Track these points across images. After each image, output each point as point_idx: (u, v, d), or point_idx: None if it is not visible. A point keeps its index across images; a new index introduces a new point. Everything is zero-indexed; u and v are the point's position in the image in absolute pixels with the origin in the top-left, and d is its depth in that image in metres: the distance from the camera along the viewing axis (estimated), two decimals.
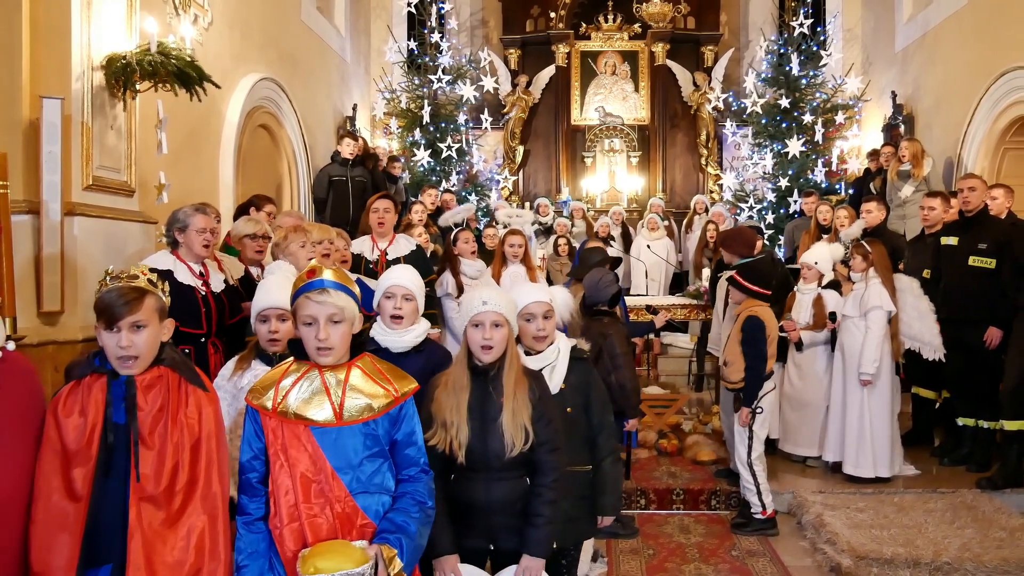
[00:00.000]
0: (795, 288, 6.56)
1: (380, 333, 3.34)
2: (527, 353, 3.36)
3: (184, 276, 4.47)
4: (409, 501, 2.63)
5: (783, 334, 6.12)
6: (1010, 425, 5.84)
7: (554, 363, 3.35)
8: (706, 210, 11.94)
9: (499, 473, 2.96)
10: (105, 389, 2.59)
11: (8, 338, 2.67)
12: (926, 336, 6.13)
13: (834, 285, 6.42)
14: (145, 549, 2.47)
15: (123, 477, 2.52)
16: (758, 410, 5.37)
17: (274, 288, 3.46)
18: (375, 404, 2.60)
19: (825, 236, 7.84)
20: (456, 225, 8.50)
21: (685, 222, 12.15)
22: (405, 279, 3.40)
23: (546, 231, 10.96)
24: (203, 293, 4.55)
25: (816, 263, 6.41)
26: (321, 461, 2.55)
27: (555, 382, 3.32)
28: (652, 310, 7.33)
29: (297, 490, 2.54)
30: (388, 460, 2.66)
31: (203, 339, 4.52)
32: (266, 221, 5.80)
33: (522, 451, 2.91)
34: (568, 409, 3.35)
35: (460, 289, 6.25)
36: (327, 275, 2.63)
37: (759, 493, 5.42)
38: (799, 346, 6.33)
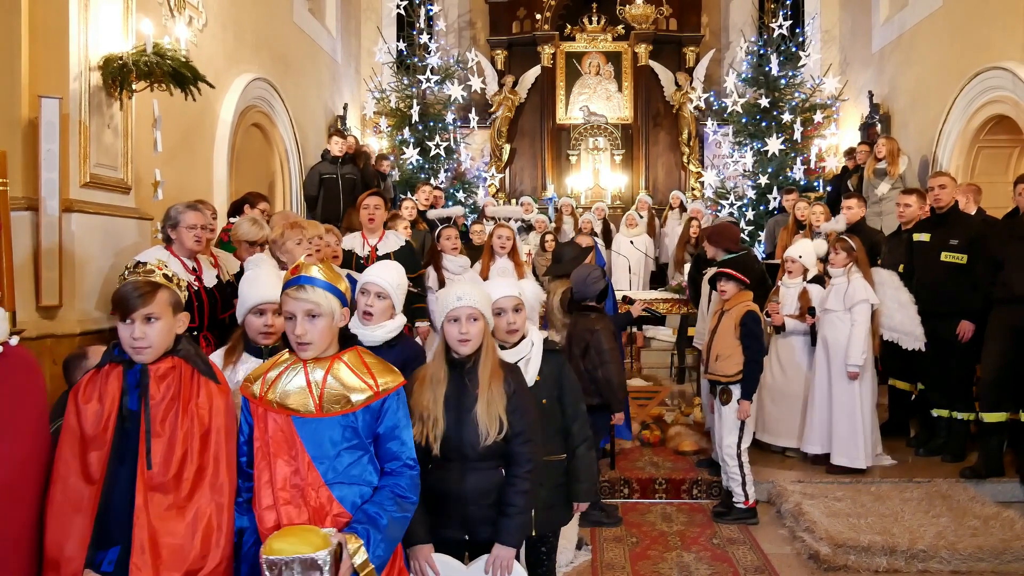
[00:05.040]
0: (779, 283, 6.62)
1: (355, 327, 3.39)
2: (501, 347, 3.40)
3: (177, 271, 4.51)
4: (386, 494, 2.66)
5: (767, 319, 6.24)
6: (989, 417, 5.93)
7: (528, 356, 3.40)
8: (680, 205, 12.11)
9: (474, 463, 3.01)
10: (121, 377, 2.66)
11: (12, 333, 2.73)
12: (908, 326, 6.20)
13: (819, 280, 6.48)
14: (150, 533, 2.53)
15: (135, 462, 2.59)
16: (751, 401, 5.49)
17: (276, 283, 3.42)
18: (354, 397, 2.63)
19: (801, 231, 7.96)
20: (442, 222, 8.60)
21: (662, 217, 12.32)
22: (379, 277, 3.47)
23: (528, 228, 11.09)
24: (196, 288, 4.64)
25: (800, 257, 6.46)
26: (299, 450, 2.60)
27: (530, 374, 3.37)
28: (628, 300, 7.41)
29: (275, 477, 2.60)
30: (369, 453, 2.69)
31: (196, 332, 4.60)
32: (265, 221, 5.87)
33: (496, 441, 2.96)
34: (543, 400, 3.39)
35: (442, 283, 6.33)
36: (310, 271, 2.68)
37: (744, 484, 5.50)
38: (780, 330, 6.40)
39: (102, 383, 2.67)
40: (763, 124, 12.03)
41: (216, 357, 3.54)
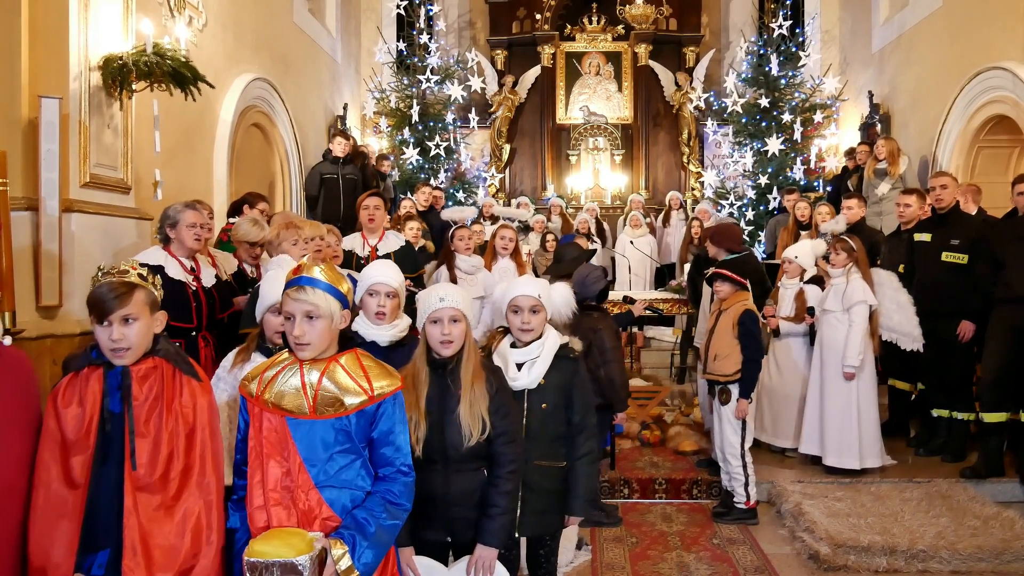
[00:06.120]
0: (778, 284, 6.64)
1: (365, 327, 3.38)
2: (512, 345, 3.41)
3: (175, 271, 4.55)
4: (377, 500, 2.64)
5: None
6: (989, 417, 5.93)
7: (535, 358, 3.36)
8: (681, 206, 12.10)
9: (457, 465, 3.00)
10: (102, 380, 2.65)
11: (6, 332, 2.72)
12: (906, 327, 6.20)
13: (816, 280, 6.48)
14: (141, 534, 2.53)
15: (120, 464, 2.58)
16: (750, 400, 5.49)
17: None
18: (348, 400, 2.61)
19: (804, 232, 7.96)
20: (454, 222, 8.62)
21: (661, 217, 12.31)
22: (388, 277, 3.44)
23: (526, 228, 11.09)
24: (194, 288, 4.64)
25: (796, 257, 6.48)
26: (291, 451, 2.59)
27: (533, 376, 3.33)
28: (629, 300, 7.42)
29: (266, 477, 2.59)
30: (362, 458, 2.67)
31: (193, 333, 4.61)
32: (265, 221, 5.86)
33: (479, 441, 2.95)
34: (543, 405, 3.35)
35: (454, 283, 6.35)
36: (310, 272, 2.66)
37: (747, 484, 5.51)
38: (776, 333, 6.41)
39: (82, 386, 2.66)
40: (763, 124, 12.04)
41: (232, 355, 3.59)
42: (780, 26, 12.17)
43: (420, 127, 12.56)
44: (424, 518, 3.02)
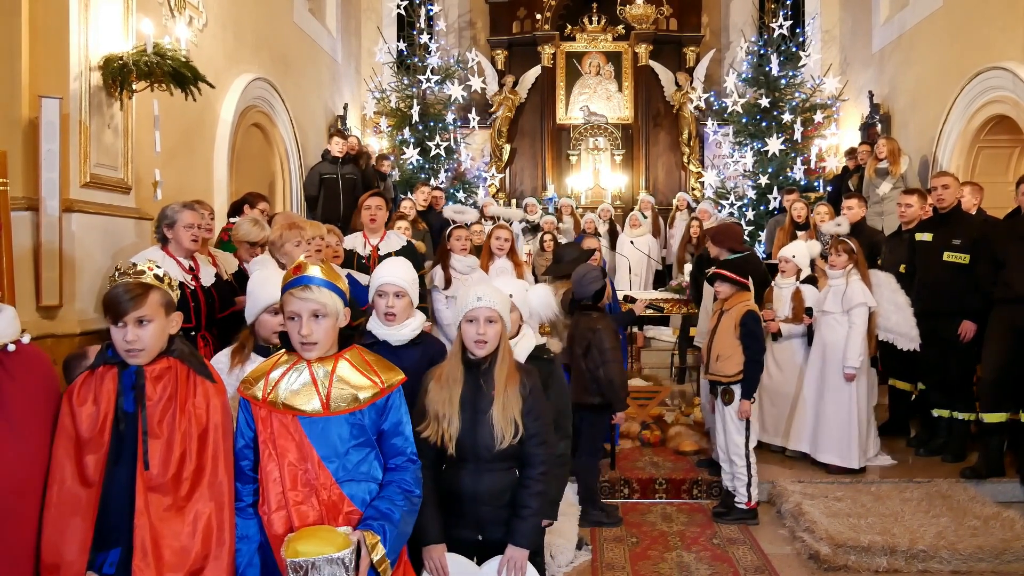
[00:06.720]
0: (773, 283, 6.66)
1: (378, 327, 3.38)
2: None
3: (172, 271, 4.49)
4: (395, 490, 2.69)
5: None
6: (989, 418, 5.93)
7: None
8: (688, 207, 12.03)
9: (488, 464, 3.02)
10: (116, 379, 2.65)
11: (23, 331, 2.73)
12: (903, 327, 6.22)
13: (812, 280, 6.49)
14: (152, 534, 2.54)
15: (132, 464, 2.59)
16: (752, 400, 5.49)
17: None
18: (361, 395, 2.65)
19: (801, 232, 7.96)
20: (454, 221, 8.63)
21: (668, 218, 12.30)
22: (396, 276, 3.38)
23: (533, 229, 11.07)
24: (192, 288, 4.63)
25: (793, 257, 6.48)
26: (308, 450, 2.61)
27: None
28: (630, 300, 7.41)
29: (284, 478, 2.61)
30: (375, 449, 2.71)
31: (192, 333, 4.60)
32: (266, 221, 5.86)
33: (511, 443, 2.97)
34: None
35: (448, 282, 6.36)
36: (312, 271, 2.68)
37: (749, 484, 5.50)
38: (776, 336, 6.41)
39: (97, 385, 2.66)
40: (763, 124, 12.06)
41: (223, 356, 3.57)
42: (780, 26, 12.19)
43: (420, 127, 12.57)
44: (454, 516, 3.06)
